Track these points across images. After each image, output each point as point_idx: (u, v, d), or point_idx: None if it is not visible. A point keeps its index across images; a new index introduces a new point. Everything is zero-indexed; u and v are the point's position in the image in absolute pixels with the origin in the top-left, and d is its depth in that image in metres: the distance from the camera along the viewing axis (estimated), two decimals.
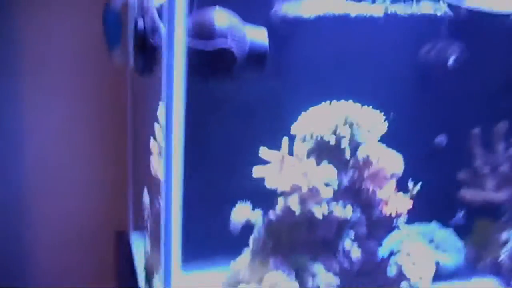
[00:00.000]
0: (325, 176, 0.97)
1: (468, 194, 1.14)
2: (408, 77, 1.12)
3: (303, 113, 1.04)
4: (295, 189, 0.97)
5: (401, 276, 1.05)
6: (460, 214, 1.15)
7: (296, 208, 0.95)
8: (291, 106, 1.07)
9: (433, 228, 1.17)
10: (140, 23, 0.86)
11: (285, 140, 1.00)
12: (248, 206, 1.07)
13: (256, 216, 1.07)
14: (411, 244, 1.07)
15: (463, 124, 1.14)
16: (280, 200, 0.98)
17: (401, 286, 1.04)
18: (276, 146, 1.02)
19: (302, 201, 0.97)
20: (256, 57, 0.87)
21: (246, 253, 1.06)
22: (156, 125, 0.94)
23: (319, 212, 0.96)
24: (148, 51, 0.85)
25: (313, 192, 0.97)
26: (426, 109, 1.13)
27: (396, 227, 1.06)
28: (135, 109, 1.28)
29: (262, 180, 1.00)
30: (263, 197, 1.06)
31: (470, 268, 1.16)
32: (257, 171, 0.99)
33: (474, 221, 1.17)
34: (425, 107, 1.12)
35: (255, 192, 1.04)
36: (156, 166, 0.98)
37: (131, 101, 1.29)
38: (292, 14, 1.10)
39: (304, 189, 0.95)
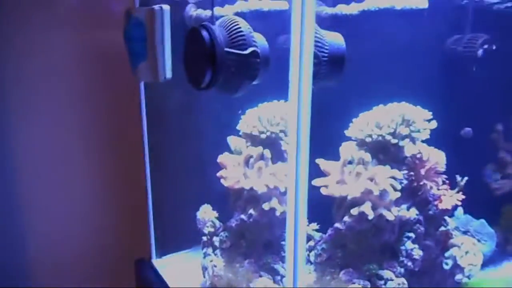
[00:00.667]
0: (392, 178, 0.96)
1: (497, 185, 1.21)
2: (448, 69, 1.15)
3: (361, 114, 1.02)
4: (366, 194, 0.94)
5: (455, 267, 1.08)
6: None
7: (370, 213, 0.92)
8: (343, 111, 1.04)
9: (467, 219, 1.23)
10: (206, 35, 0.78)
11: (345, 147, 0.97)
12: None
13: (312, 229, 1.03)
14: (461, 237, 1.11)
15: (487, 116, 1.21)
16: (353, 210, 0.94)
17: (456, 278, 1.07)
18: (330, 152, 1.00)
19: (373, 206, 0.95)
20: (335, 59, 0.83)
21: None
22: (233, 138, 0.86)
23: (390, 215, 0.95)
24: (218, 63, 0.77)
25: (382, 196, 0.95)
26: (459, 103, 1.18)
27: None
28: (159, 128, 1.16)
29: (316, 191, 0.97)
30: (318, 210, 1.02)
31: (501, 254, 1.23)
32: (317, 182, 0.95)
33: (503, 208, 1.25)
34: (458, 100, 1.17)
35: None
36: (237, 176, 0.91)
37: (149, 120, 1.17)
38: (327, 12, 1.08)
39: (376, 193, 0.93)
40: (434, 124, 1.04)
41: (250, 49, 0.78)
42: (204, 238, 1.07)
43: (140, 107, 1.17)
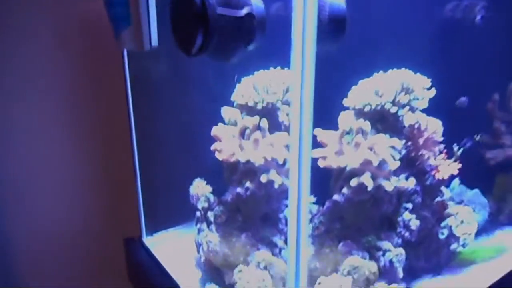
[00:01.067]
0: (392, 148, 0.94)
1: (491, 154, 1.20)
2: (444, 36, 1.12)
3: (360, 82, 0.98)
4: (364, 164, 0.92)
5: (450, 237, 1.07)
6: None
7: (369, 183, 0.90)
8: (341, 79, 1.00)
9: (461, 190, 1.22)
10: None
11: (343, 117, 0.94)
12: None
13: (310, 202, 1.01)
14: (456, 207, 1.10)
15: (483, 85, 1.19)
16: (353, 181, 0.91)
17: (451, 248, 1.07)
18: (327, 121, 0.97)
19: (372, 177, 0.92)
20: (336, 20, 0.78)
21: None
22: (227, 109, 0.81)
23: (389, 186, 0.93)
24: (209, 26, 0.71)
25: (381, 166, 0.93)
26: (455, 71, 1.15)
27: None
28: (146, 100, 1.10)
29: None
30: (315, 182, 1.00)
31: (493, 223, 1.24)
32: (315, 153, 0.92)
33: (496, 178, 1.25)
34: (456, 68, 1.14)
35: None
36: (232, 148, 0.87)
37: (134, 92, 1.10)
38: None
39: (375, 163, 0.90)
40: (433, 92, 1.02)
41: (245, 10, 0.72)
42: (198, 214, 1.04)
43: (124, 78, 1.10)
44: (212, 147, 0.95)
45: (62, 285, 1.28)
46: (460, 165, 1.05)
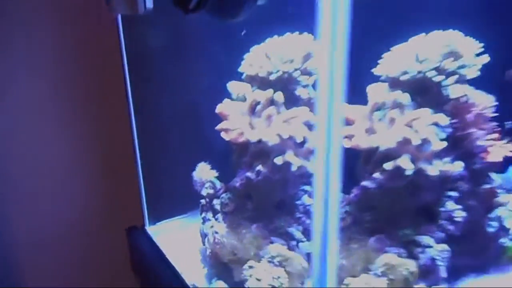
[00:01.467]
0: (435, 125, 0.78)
1: None
2: None
3: (394, 48, 0.81)
4: (401, 145, 0.76)
5: (500, 231, 0.92)
6: None
7: (409, 167, 0.74)
8: (369, 45, 0.84)
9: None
10: None
11: (373, 89, 0.78)
12: None
13: None
14: (508, 195, 0.94)
15: None
16: (387, 164, 0.76)
17: (500, 242, 0.91)
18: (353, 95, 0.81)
19: (412, 159, 0.77)
20: None
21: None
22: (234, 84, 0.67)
23: (432, 170, 0.77)
24: None
25: (422, 146, 0.77)
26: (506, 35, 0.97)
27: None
28: (144, 75, 0.96)
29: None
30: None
31: None
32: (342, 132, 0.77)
33: None
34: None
35: None
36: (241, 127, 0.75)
37: (131, 65, 0.96)
38: None
39: (415, 143, 0.75)
40: (485, 59, 0.84)
41: None
42: (203, 201, 0.91)
43: (120, 50, 0.96)
44: (217, 127, 0.81)
45: (65, 280, 1.20)
46: None
